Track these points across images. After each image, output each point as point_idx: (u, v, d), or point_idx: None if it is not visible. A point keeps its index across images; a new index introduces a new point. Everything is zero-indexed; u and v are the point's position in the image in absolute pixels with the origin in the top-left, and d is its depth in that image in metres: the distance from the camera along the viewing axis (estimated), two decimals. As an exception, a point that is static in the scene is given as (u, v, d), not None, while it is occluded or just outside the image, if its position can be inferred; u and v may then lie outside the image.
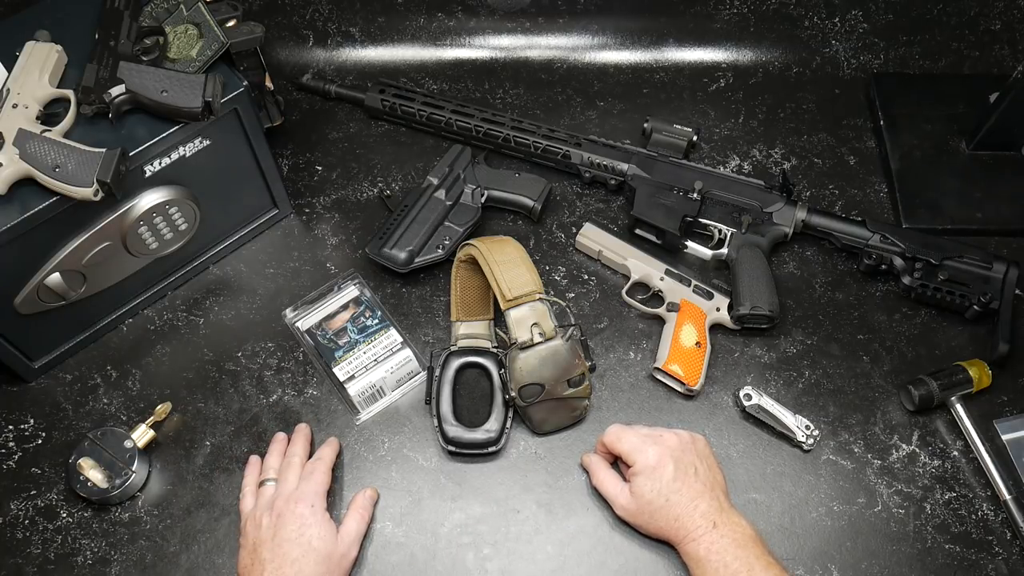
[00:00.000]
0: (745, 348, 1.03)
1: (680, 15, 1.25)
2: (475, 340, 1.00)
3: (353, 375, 0.98)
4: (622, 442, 0.89)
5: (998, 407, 0.99)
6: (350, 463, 0.95)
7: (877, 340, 1.04)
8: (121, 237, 0.93)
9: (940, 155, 1.16)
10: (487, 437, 0.94)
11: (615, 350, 1.02)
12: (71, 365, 1.01)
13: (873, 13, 1.24)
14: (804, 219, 1.07)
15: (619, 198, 1.14)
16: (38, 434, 0.96)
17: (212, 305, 1.05)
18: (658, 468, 0.86)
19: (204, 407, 0.98)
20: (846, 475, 0.95)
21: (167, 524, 0.91)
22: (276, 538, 0.83)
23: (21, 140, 0.82)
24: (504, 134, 1.13)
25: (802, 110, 1.23)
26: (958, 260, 1.03)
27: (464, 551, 0.90)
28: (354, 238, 1.10)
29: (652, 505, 0.85)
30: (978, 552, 0.90)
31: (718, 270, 1.08)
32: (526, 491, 0.93)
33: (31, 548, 0.90)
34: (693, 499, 0.85)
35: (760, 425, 0.97)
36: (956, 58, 1.26)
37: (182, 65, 0.92)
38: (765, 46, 1.27)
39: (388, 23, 1.25)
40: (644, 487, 0.86)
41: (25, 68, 0.86)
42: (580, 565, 0.89)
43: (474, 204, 1.08)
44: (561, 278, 1.08)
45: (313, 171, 1.16)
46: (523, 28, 1.26)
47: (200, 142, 0.93)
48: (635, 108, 1.22)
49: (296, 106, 1.21)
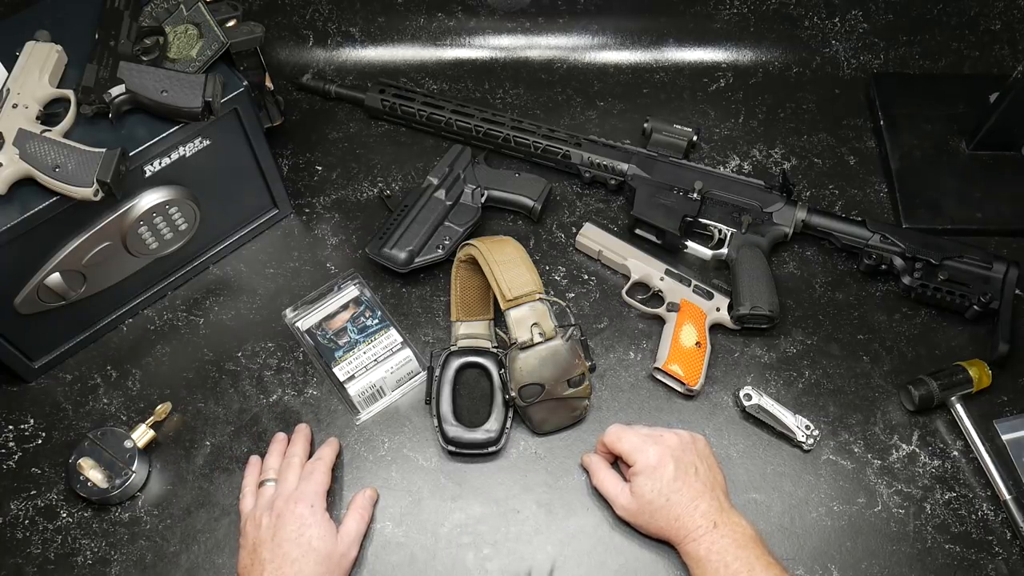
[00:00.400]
0: (745, 348, 1.03)
1: (680, 15, 1.25)
2: (475, 340, 1.00)
3: (353, 375, 0.98)
4: (622, 442, 0.89)
5: (998, 407, 0.99)
6: (350, 463, 0.95)
7: (877, 340, 1.04)
8: (121, 237, 0.93)
9: (940, 155, 1.16)
10: (487, 437, 0.94)
11: (615, 350, 1.02)
12: (71, 365, 1.01)
13: (873, 13, 1.24)
14: (804, 219, 1.07)
15: (619, 198, 1.14)
16: (38, 434, 0.96)
17: (212, 305, 1.05)
18: (659, 468, 0.86)
19: (204, 407, 0.98)
20: (846, 475, 0.95)
21: (167, 524, 0.91)
22: (276, 538, 0.83)
23: (21, 140, 0.82)
24: (504, 134, 1.13)
25: (802, 110, 1.23)
26: (958, 260, 1.03)
27: (464, 551, 0.90)
28: (354, 238, 1.10)
29: (652, 505, 0.85)
30: (978, 552, 0.90)
31: (718, 270, 1.08)
32: (526, 491, 0.93)
33: (31, 548, 0.90)
34: (693, 499, 0.85)
35: (760, 425, 0.97)
36: (956, 58, 1.26)
37: (182, 65, 0.92)
38: (765, 46, 1.27)
39: (388, 23, 1.25)
40: (645, 487, 0.86)
41: (25, 68, 0.86)
42: (580, 565, 0.89)
43: (474, 204, 1.08)
44: (561, 278, 1.08)
45: (313, 171, 1.16)
46: (523, 28, 1.26)
47: (200, 142, 0.93)
48: (635, 108, 1.22)
49: (296, 106, 1.21)
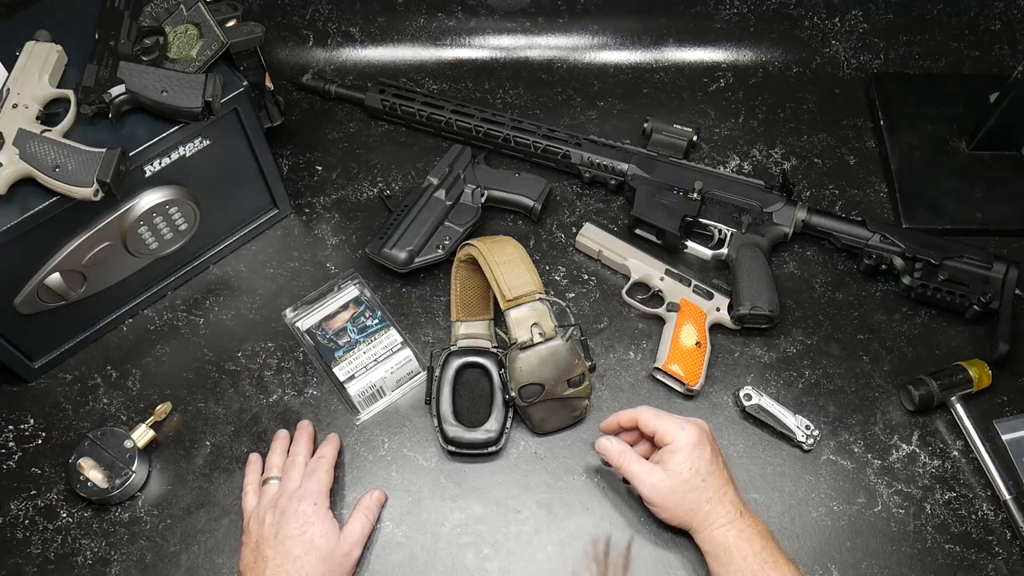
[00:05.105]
0: (745, 348, 1.03)
1: (680, 15, 1.25)
2: (475, 340, 1.00)
3: (353, 375, 0.98)
4: (660, 419, 0.87)
5: (998, 407, 0.99)
6: (350, 463, 0.95)
7: (877, 340, 1.04)
8: (121, 237, 0.93)
9: (940, 155, 1.16)
10: (487, 437, 0.94)
11: (615, 350, 1.02)
12: (71, 365, 1.01)
13: (873, 13, 1.24)
14: (804, 219, 1.07)
15: (619, 198, 1.14)
16: (38, 434, 0.96)
17: (212, 305, 1.05)
18: (699, 446, 0.85)
19: (204, 407, 0.98)
20: (846, 475, 0.95)
21: (167, 524, 0.91)
22: (279, 536, 0.83)
23: (21, 140, 0.82)
24: (504, 134, 1.13)
25: (802, 110, 1.23)
26: (958, 260, 1.03)
27: (464, 551, 0.90)
28: (354, 238, 1.10)
29: (688, 484, 0.84)
30: (978, 552, 0.90)
31: (718, 270, 1.08)
32: (526, 491, 0.93)
33: (31, 548, 0.90)
34: (723, 485, 0.85)
35: (760, 425, 0.97)
36: (956, 58, 1.26)
37: (182, 65, 0.92)
38: (765, 46, 1.27)
39: (388, 23, 1.25)
40: (683, 464, 0.84)
41: (25, 68, 0.86)
42: (580, 565, 0.89)
43: (474, 204, 1.08)
44: (561, 278, 1.08)
45: (313, 171, 1.16)
46: (523, 28, 1.26)
47: (200, 142, 0.93)
48: (635, 108, 1.22)
49: (296, 106, 1.21)
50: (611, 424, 0.92)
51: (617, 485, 0.93)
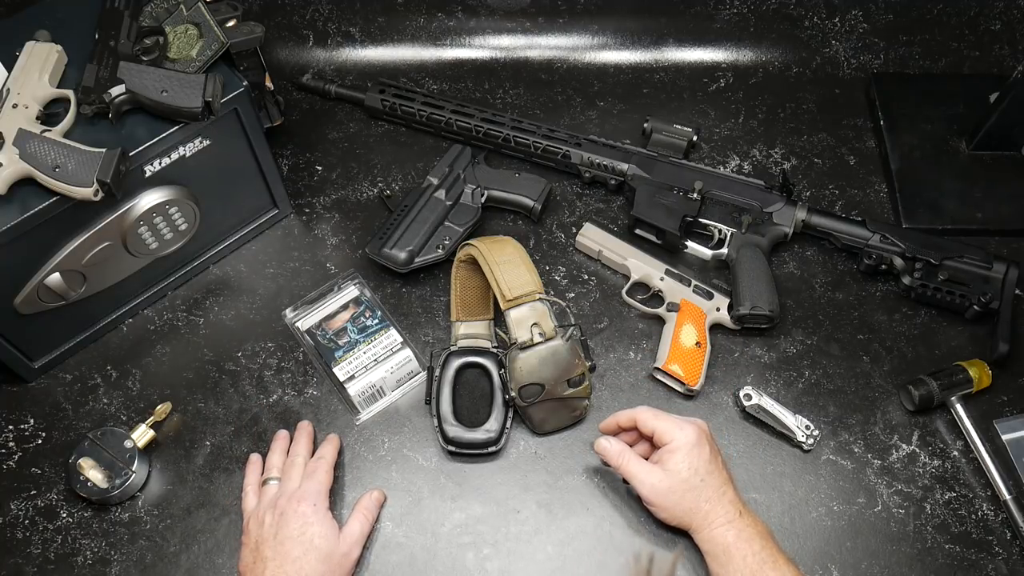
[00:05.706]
0: (745, 348, 1.03)
1: (680, 15, 1.25)
2: (475, 340, 1.00)
3: (353, 375, 0.98)
4: (659, 419, 0.87)
5: (998, 407, 0.99)
6: (350, 463, 0.95)
7: (877, 340, 1.04)
8: (121, 237, 0.93)
9: (940, 155, 1.16)
10: (487, 437, 0.94)
11: (615, 350, 1.02)
12: (71, 365, 1.01)
13: (873, 13, 1.24)
14: (804, 219, 1.07)
15: (619, 198, 1.14)
16: (38, 434, 0.96)
17: (212, 305, 1.05)
18: (698, 446, 0.85)
19: (204, 407, 0.98)
20: (846, 475, 0.95)
21: (167, 524, 0.91)
22: (278, 536, 0.83)
23: (21, 140, 0.82)
24: (504, 134, 1.13)
25: (802, 110, 1.23)
26: (958, 260, 1.03)
27: (464, 551, 0.90)
28: (354, 238, 1.10)
29: (687, 484, 0.84)
30: (978, 552, 0.90)
31: (718, 270, 1.08)
32: (526, 491, 0.93)
33: (31, 548, 0.90)
34: (722, 485, 0.85)
35: (760, 425, 0.97)
36: (956, 58, 1.26)
37: (182, 65, 0.92)
38: (765, 46, 1.27)
39: (388, 23, 1.25)
40: (682, 464, 0.84)
41: (25, 68, 0.86)
42: (580, 565, 0.89)
43: (474, 204, 1.08)
44: (561, 278, 1.08)
45: (313, 171, 1.16)
46: (523, 28, 1.26)
47: (200, 142, 0.93)
48: (635, 108, 1.22)
49: (296, 106, 1.21)
50: (610, 424, 0.92)
51: (617, 485, 0.93)
